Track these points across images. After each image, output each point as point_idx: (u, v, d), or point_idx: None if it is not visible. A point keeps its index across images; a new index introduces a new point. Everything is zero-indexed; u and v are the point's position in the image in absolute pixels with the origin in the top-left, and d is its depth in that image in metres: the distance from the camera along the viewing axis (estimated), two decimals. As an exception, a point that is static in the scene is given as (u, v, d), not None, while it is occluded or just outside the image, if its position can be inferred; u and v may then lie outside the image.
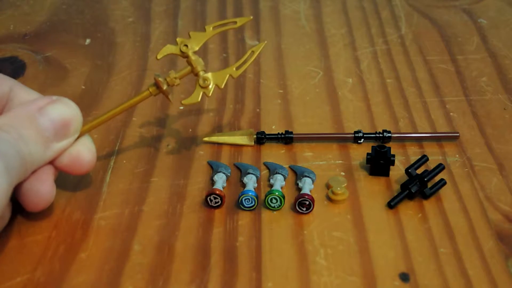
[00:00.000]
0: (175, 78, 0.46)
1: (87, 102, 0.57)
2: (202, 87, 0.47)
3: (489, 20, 0.70)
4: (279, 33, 0.68)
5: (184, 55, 0.47)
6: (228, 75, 0.47)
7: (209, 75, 0.47)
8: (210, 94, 0.47)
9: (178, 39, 0.46)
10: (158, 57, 0.46)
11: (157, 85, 0.46)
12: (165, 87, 0.46)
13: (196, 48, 0.47)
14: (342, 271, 0.42)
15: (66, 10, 0.73)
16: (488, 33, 0.67)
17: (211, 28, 0.47)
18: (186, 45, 0.46)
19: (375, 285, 0.41)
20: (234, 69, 0.47)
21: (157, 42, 0.67)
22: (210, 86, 0.47)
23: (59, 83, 0.60)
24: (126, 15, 0.72)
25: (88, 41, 0.67)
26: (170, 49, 0.47)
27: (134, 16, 0.71)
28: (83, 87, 0.60)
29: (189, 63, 0.47)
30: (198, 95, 0.47)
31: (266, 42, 0.49)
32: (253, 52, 0.48)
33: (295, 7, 0.73)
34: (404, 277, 0.41)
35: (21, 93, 0.45)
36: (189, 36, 0.47)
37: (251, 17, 0.48)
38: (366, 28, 0.69)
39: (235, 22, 0.47)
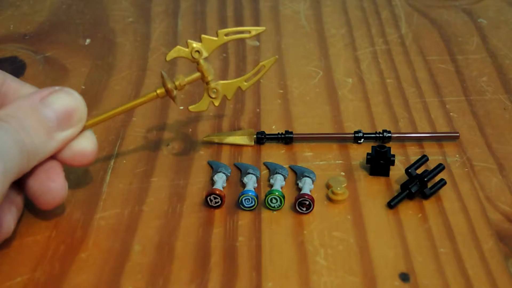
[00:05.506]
0: (184, 84, 0.46)
1: (87, 102, 0.56)
2: (210, 97, 0.47)
3: (489, 20, 0.70)
4: (279, 33, 0.68)
5: (195, 61, 0.46)
6: (237, 87, 0.47)
7: (219, 85, 0.47)
8: (217, 104, 0.47)
9: (188, 42, 0.46)
10: (167, 59, 0.46)
11: (165, 88, 0.45)
12: (173, 91, 0.45)
13: (207, 55, 0.46)
14: (342, 271, 0.42)
15: (66, 10, 0.73)
16: (488, 33, 0.67)
17: (223, 35, 0.46)
18: (198, 51, 0.45)
19: (375, 285, 0.41)
20: (244, 81, 0.47)
21: (157, 42, 0.67)
22: (219, 97, 0.47)
23: (59, 83, 0.60)
24: (126, 15, 0.72)
25: (88, 41, 0.67)
26: (180, 52, 0.46)
27: (134, 16, 0.71)
28: (83, 87, 0.60)
29: (200, 70, 0.46)
30: (206, 104, 0.47)
31: (277, 57, 0.48)
32: (264, 66, 0.47)
33: (295, 7, 0.73)
34: (404, 277, 0.41)
35: (15, 85, 0.44)
36: (200, 40, 0.46)
37: (265, 28, 0.47)
38: (366, 28, 0.69)
39: (249, 32, 0.46)
